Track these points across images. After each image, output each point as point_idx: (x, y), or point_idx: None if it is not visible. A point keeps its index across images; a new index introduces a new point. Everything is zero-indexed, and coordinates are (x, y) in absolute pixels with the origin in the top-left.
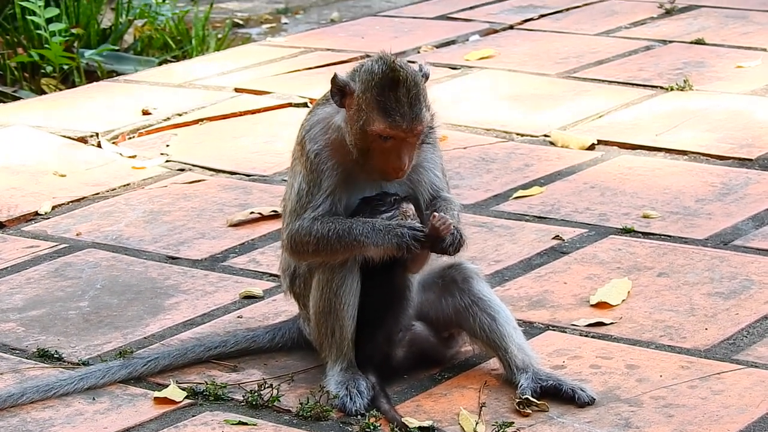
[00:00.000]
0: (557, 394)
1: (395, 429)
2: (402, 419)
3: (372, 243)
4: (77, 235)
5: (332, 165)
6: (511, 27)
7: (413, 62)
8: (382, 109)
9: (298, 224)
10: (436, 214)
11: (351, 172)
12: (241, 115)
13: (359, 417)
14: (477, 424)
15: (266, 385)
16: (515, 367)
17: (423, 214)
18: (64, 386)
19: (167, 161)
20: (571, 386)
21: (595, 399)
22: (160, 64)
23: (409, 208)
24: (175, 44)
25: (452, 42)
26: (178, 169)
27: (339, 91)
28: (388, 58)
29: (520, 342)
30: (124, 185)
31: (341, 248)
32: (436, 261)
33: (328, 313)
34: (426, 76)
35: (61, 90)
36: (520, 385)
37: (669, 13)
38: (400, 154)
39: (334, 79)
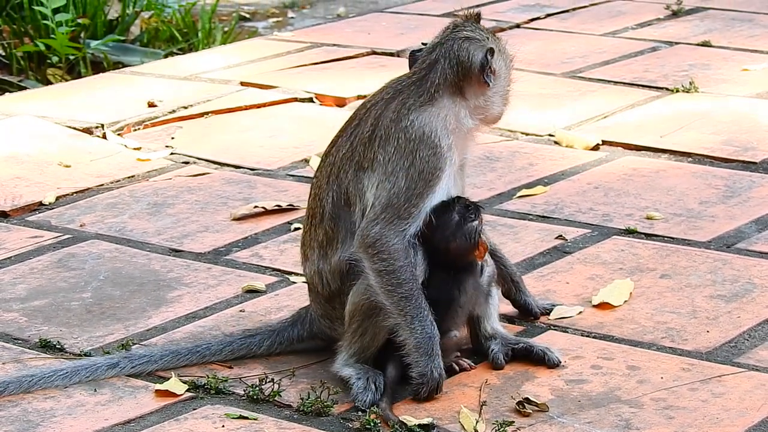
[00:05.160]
0: (528, 356)
1: (395, 426)
2: (398, 419)
3: (410, 337)
4: (81, 226)
5: (453, 159)
6: (517, 26)
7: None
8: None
9: (392, 234)
10: None
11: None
12: (246, 109)
13: (360, 413)
14: (477, 422)
15: (267, 380)
16: (483, 337)
17: None
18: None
19: (172, 154)
20: (541, 348)
21: (561, 362)
22: (166, 56)
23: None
24: (181, 36)
25: None
26: (182, 162)
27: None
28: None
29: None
30: (129, 177)
31: (391, 303)
32: None
33: (368, 317)
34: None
35: (66, 80)
36: (491, 350)
37: (675, 14)
38: None
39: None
